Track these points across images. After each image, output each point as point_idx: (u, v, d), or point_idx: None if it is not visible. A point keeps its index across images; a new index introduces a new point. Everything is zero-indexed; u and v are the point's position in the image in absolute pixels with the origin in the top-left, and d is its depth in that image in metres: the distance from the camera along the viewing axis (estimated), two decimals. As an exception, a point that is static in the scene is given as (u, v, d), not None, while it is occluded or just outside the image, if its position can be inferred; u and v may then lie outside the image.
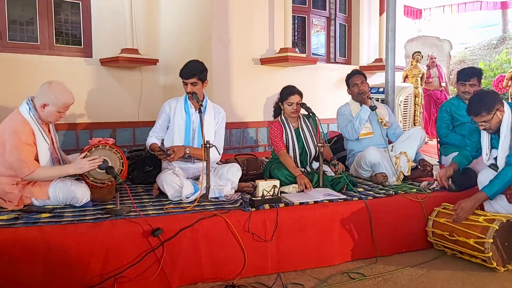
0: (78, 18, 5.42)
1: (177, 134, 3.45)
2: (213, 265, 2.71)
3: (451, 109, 4.16)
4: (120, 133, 5.51)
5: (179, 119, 3.47)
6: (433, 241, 3.22)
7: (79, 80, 5.18)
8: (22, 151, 2.77)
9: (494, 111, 3.03)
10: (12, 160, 2.78)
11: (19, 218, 2.63)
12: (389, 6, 5.06)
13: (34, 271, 2.32)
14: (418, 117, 8.25)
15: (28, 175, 2.80)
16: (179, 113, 3.48)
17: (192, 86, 3.40)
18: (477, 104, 3.07)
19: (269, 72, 5.81)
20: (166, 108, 3.53)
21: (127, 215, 2.71)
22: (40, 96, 2.91)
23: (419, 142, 3.90)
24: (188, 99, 3.52)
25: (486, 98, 3.06)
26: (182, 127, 3.46)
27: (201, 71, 3.44)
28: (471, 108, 3.11)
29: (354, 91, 4.15)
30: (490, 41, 13.13)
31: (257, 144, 5.83)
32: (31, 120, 2.88)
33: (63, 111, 2.97)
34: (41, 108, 2.90)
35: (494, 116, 3.03)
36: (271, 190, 3.05)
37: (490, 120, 3.04)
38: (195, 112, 3.49)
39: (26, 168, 2.78)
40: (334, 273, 2.87)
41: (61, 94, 2.93)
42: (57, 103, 2.90)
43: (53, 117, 2.97)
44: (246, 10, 5.55)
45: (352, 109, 4.16)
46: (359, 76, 4.16)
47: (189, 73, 3.40)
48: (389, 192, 3.41)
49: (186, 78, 3.41)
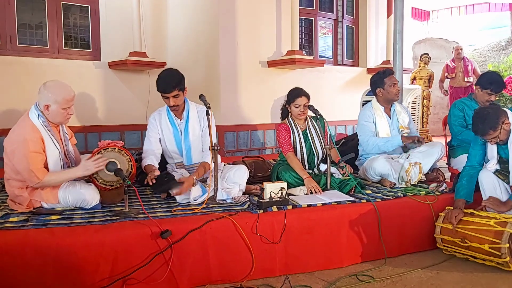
0: (86, 21, 5.46)
1: (169, 147, 3.43)
2: (221, 267, 2.71)
3: (464, 108, 4.11)
4: (129, 136, 5.54)
5: (167, 133, 3.41)
6: (443, 247, 3.18)
7: (88, 83, 5.22)
8: (31, 160, 2.77)
9: (500, 126, 3.05)
10: (21, 169, 2.79)
11: (29, 220, 2.66)
12: (397, 8, 5.05)
13: (44, 273, 2.34)
14: (426, 119, 8.21)
15: (37, 184, 2.81)
16: (165, 126, 3.41)
17: (174, 99, 3.27)
18: (482, 124, 3.08)
19: (276, 74, 5.82)
20: (153, 122, 3.43)
21: (136, 217, 2.72)
22: (41, 100, 2.90)
23: (436, 157, 3.86)
24: (171, 110, 3.42)
25: (489, 116, 3.06)
26: (172, 140, 3.41)
27: (180, 80, 3.29)
28: (476, 129, 3.13)
29: (391, 92, 3.94)
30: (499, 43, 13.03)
31: (265, 146, 5.83)
32: (40, 126, 2.87)
33: (66, 106, 2.93)
34: (46, 111, 2.89)
35: (501, 130, 3.06)
36: (278, 192, 3.05)
37: (498, 135, 3.07)
38: (180, 122, 3.44)
39: (35, 178, 2.78)
40: (342, 275, 2.86)
41: (57, 90, 2.90)
42: (57, 100, 2.88)
43: (60, 116, 2.95)
44: (253, 13, 5.56)
45: (376, 114, 3.99)
46: (394, 77, 4.00)
47: (169, 86, 3.22)
48: (397, 194, 3.40)
49: (168, 92, 3.24)
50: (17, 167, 2.81)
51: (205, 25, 5.48)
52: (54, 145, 2.93)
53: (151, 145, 3.40)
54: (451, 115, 4.20)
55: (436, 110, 10.33)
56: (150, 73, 5.66)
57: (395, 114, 4.06)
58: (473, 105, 4.03)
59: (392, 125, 4.01)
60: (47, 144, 2.88)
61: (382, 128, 3.97)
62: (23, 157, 2.76)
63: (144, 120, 5.61)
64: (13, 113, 4.64)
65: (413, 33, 9.88)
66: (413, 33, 9.43)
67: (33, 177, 2.78)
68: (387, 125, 3.98)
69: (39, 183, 2.81)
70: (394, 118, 4.05)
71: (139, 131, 5.59)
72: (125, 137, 5.49)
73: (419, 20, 12.09)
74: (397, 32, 5.07)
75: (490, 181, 3.21)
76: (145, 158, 3.32)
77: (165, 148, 3.45)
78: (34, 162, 2.78)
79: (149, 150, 3.37)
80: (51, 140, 2.92)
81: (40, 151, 2.84)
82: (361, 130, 4.02)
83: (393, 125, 4.03)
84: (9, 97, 4.70)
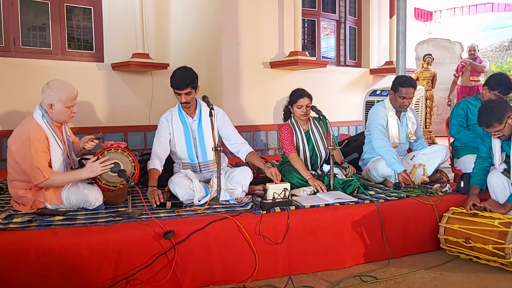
0: (89, 23, 5.49)
1: (179, 148, 3.44)
2: (225, 268, 2.71)
3: (468, 107, 4.10)
4: (132, 137, 5.55)
5: (178, 132, 3.43)
6: (446, 247, 3.18)
7: (91, 85, 5.24)
8: (37, 158, 2.78)
9: (505, 120, 3.04)
10: (27, 167, 2.79)
11: (32, 221, 2.66)
12: (400, 8, 5.05)
13: (47, 273, 2.34)
14: (429, 120, 8.18)
15: (42, 182, 2.81)
16: (177, 126, 3.43)
17: (186, 96, 3.32)
18: (487, 116, 3.08)
19: (279, 75, 5.82)
20: (164, 122, 3.45)
21: (139, 218, 2.72)
22: (44, 100, 2.92)
23: (440, 160, 3.86)
24: (182, 108, 3.45)
25: (496, 108, 3.06)
26: (183, 140, 3.43)
27: (194, 78, 3.33)
28: (482, 120, 3.12)
29: (398, 101, 3.87)
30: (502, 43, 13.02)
31: (267, 147, 5.83)
32: (44, 125, 2.89)
33: (70, 105, 2.95)
34: (49, 110, 2.91)
35: (506, 124, 3.05)
36: (281, 193, 3.05)
37: (503, 129, 3.06)
38: (192, 121, 3.47)
39: (41, 175, 2.79)
40: (345, 275, 2.85)
41: (60, 89, 2.92)
42: (61, 98, 2.90)
43: (64, 115, 2.96)
44: (256, 14, 5.57)
45: (389, 115, 3.93)
46: (412, 89, 3.84)
47: (183, 83, 3.27)
48: (401, 195, 3.39)
49: (181, 89, 3.29)
50: (21, 165, 2.81)
51: (208, 27, 5.49)
52: (57, 145, 2.94)
53: (160, 146, 3.41)
54: (453, 113, 4.19)
55: (439, 111, 10.30)
56: (153, 75, 5.68)
57: (405, 119, 4.02)
58: (478, 106, 4.00)
59: (401, 128, 3.99)
60: (51, 144, 2.90)
61: (392, 129, 3.92)
62: (29, 155, 2.77)
63: (147, 121, 5.63)
64: (16, 115, 4.66)
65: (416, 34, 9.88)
66: (416, 34, 9.42)
67: (39, 175, 2.78)
68: (396, 127, 3.94)
69: (44, 182, 2.82)
70: (404, 122, 4.02)
71: (142, 132, 5.61)
72: (128, 138, 5.50)
73: (422, 21, 12.09)
74: (400, 33, 5.06)
75: (500, 183, 3.22)
76: (152, 160, 3.34)
77: (174, 149, 3.47)
78: (40, 160, 2.79)
79: (157, 152, 3.39)
80: (55, 140, 2.93)
81: (45, 150, 2.85)
82: (373, 130, 3.86)
83: (402, 129, 4.00)
84: (13, 99, 4.72)
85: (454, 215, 3.16)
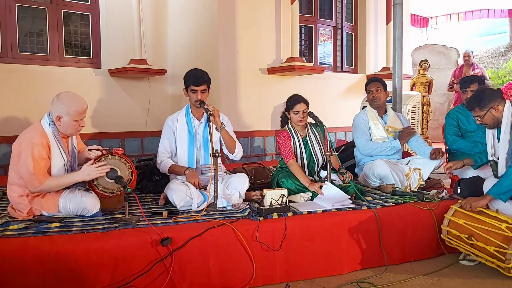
0: (87, 29, 5.49)
1: (180, 150, 3.46)
2: (222, 274, 2.70)
3: (458, 117, 4.15)
4: (129, 143, 5.54)
5: (182, 134, 3.46)
6: (447, 239, 3.15)
7: (88, 91, 5.23)
8: (35, 164, 2.78)
9: (487, 109, 3.11)
10: (23, 172, 2.80)
11: (29, 228, 2.65)
12: (396, 14, 5.08)
13: (44, 280, 2.33)
14: (426, 125, 8.22)
15: (37, 188, 2.81)
16: (181, 128, 3.47)
17: (201, 93, 3.39)
18: (473, 99, 3.18)
19: (276, 81, 5.83)
20: (169, 124, 3.51)
21: (136, 225, 2.72)
22: (53, 111, 2.93)
23: (436, 164, 3.89)
24: (194, 107, 3.49)
25: (484, 94, 3.15)
26: (185, 143, 3.45)
27: (209, 78, 3.47)
28: (468, 103, 3.25)
29: (368, 98, 4.19)
30: (498, 49, 13.08)
31: (265, 153, 5.83)
32: (50, 133, 2.90)
33: (78, 118, 2.95)
34: (57, 122, 2.92)
35: (487, 113, 3.12)
36: (279, 199, 3.05)
37: (483, 116, 3.13)
38: (198, 123, 3.49)
39: (36, 181, 2.79)
40: (343, 282, 2.85)
41: (70, 102, 2.93)
42: (70, 112, 2.90)
43: (71, 128, 2.96)
44: (253, 20, 5.59)
45: (369, 116, 4.14)
46: (375, 83, 4.15)
47: (201, 79, 3.39)
48: (398, 201, 3.40)
49: (198, 85, 3.38)
50: (20, 169, 2.82)
51: (205, 33, 5.51)
52: (60, 154, 2.94)
53: (166, 147, 3.50)
54: (445, 124, 4.28)
55: (436, 116, 10.35)
56: (150, 81, 5.68)
57: (386, 118, 4.16)
58: (466, 111, 4.05)
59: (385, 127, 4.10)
60: (53, 152, 2.90)
61: (377, 131, 4.08)
62: (27, 160, 2.78)
63: (145, 127, 5.62)
64: (13, 121, 4.65)
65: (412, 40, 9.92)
66: (412, 40, 9.46)
67: (34, 180, 2.78)
68: (380, 126, 4.09)
69: (39, 188, 2.81)
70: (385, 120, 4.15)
71: (140, 138, 5.60)
72: (125, 144, 5.49)
73: (418, 27, 12.14)
74: (397, 39, 5.09)
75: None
76: (163, 161, 3.43)
77: (174, 151, 3.49)
78: (37, 167, 2.79)
79: (164, 152, 3.48)
80: (58, 150, 2.93)
81: (44, 157, 2.85)
82: (356, 134, 4.18)
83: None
84: (10, 105, 4.71)
85: (461, 209, 3.11)
